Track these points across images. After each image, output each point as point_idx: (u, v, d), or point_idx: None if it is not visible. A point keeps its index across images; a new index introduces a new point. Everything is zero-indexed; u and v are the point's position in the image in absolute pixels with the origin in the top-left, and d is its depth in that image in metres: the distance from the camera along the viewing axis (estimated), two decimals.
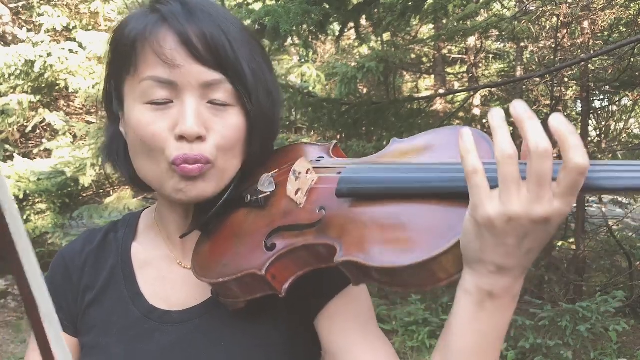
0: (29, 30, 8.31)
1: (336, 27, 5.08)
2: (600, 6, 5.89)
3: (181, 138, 0.81)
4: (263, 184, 0.88)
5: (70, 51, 7.19)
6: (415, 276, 0.67)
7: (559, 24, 6.01)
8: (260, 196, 0.87)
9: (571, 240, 6.91)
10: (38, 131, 8.74)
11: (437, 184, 0.68)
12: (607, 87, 6.47)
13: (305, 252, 0.78)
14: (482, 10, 6.29)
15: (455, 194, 0.66)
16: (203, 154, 0.82)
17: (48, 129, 8.52)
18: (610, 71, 5.98)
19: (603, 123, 8.02)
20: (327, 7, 3.92)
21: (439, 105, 8.40)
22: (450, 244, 0.64)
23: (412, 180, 0.69)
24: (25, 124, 7.92)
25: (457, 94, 7.69)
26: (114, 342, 0.92)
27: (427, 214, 0.68)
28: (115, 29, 0.89)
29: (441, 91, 7.85)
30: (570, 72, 6.56)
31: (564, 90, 6.78)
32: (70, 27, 8.45)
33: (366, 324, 0.89)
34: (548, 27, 6.56)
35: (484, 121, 9.03)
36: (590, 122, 7.42)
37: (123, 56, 0.84)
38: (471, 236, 0.63)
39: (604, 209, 7.17)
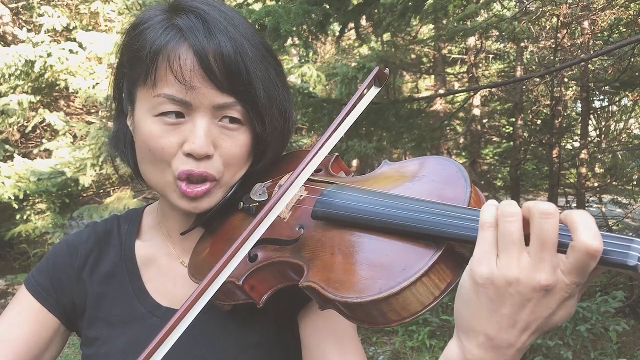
0: (29, 30, 8.31)
1: (336, 27, 5.09)
2: (600, 6, 5.89)
3: (189, 155, 0.84)
4: (255, 193, 0.90)
5: (70, 51, 7.19)
6: (367, 313, 0.66)
7: (559, 24, 6.02)
8: (251, 205, 0.88)
9: None
10: (38, 131, 8.75)
11: (404, 223, 0.67)
12: (607, 87, 6.47)
13: (282, 268, 0.79)
14: (482, 11, 6.30)
15: (417, 234, 0.66)
16: (208, 172, 0.85)
17: (48, 129, 8.52)
18: (610, 71, 5.97)
19: (603, 123, 8.01)
20: (327, 7, 3.93)
21: (439, 105, 8.42)
22: (400, 287, 0.62)
23: (383, 215, 0.69)
24: (25, 124, 7.92)
25: (457, 94, 7.70)
26: (116, 335, 0.94)
27: (388, 250, 0.67)
28: (131, 28, 0.89)
29: (441, 91, 7.86)
30: (570, 72, 6.56)
31: (564, 90, 6.78)
32: (70, 27, 8.45)
33: (343, 338, 0.89)
34: (548, 27, 6.56)
35: (484, 121, 9.05)
36: (590, 122, 7.42)
37: (141, 64, 0.84)
38: (466, 296, 0.60)
39: (603, 209, 7.17)
